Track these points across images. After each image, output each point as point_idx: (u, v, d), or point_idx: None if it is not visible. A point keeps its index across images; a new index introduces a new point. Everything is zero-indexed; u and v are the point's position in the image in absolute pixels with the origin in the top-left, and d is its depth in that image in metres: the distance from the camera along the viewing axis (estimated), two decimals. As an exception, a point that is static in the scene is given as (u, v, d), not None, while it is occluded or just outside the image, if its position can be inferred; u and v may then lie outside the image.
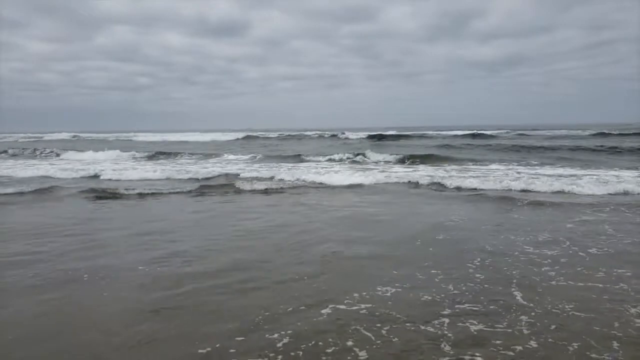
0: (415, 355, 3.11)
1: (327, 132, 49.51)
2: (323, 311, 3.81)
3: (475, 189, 10.64)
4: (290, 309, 3.87)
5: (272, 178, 12.86)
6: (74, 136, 58.35)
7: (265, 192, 10.85)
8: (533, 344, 3.24)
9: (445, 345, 3.21)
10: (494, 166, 16.44)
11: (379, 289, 4.29)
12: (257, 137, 43.48)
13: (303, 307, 3.89)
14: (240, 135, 44.92)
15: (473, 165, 17.10)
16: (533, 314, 3.71)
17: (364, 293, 4.17)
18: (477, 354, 3.09)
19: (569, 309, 3.77)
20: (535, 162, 17.50)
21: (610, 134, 34.10)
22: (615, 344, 3.18)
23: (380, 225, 7.03)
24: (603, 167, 15.35)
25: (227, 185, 11.67)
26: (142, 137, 51.60)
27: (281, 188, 11.25)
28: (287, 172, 13.59)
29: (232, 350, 3.20)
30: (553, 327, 3.47)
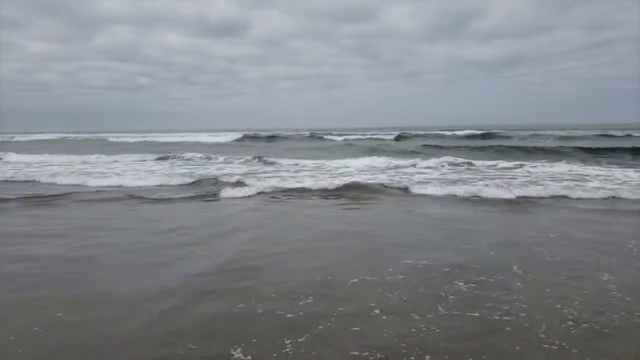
0: (418, 311, 3.90)
1: (324, 132, 50.34)
2: (350, 281, 4.66)
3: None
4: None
5: (240, 182, 11.90)
6: (58, 136, 57.82)
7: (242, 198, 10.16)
8: (520, 304, 4.01)
9: (440, 308, 3.97)
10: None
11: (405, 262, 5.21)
12: (250, 138, 43.37)
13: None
14: (232, 137, 43.86)
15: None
16: (529, 280, 4.62)
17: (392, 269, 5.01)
18: (469, 313, 3.86)
19: (562, 278, 4.67)
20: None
21: None
22: (577, 302, 4.08)
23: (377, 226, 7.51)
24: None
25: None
26: (129, 137, 51.03)
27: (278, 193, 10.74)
28: (271, 177, 13.21)
29: (258, 307, 3.97)
30: (547, 290, 4.34)
